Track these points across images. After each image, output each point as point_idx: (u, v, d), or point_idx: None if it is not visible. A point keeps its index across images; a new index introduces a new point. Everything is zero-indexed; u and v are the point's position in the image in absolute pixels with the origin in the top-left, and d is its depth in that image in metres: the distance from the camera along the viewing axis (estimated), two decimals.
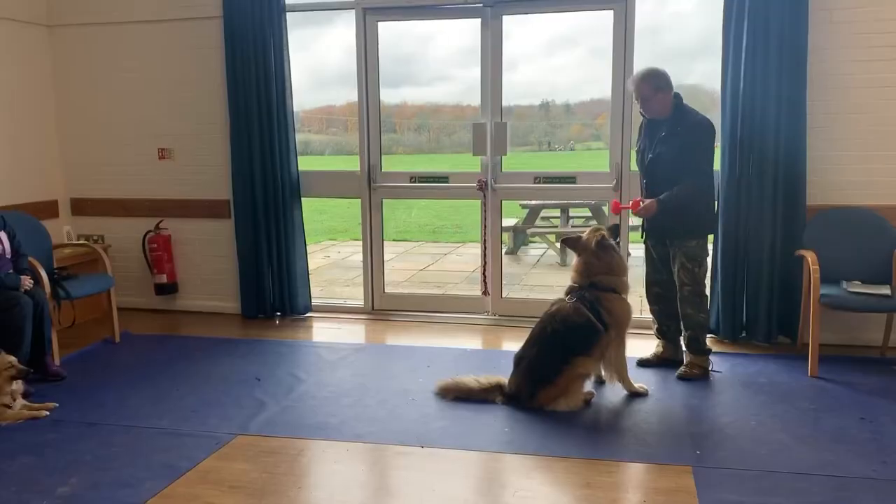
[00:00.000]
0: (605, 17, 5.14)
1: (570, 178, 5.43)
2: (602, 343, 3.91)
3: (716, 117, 4.94)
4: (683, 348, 4.42)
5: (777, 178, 4.73)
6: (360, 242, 5.92)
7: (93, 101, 5.95)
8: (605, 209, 8.55)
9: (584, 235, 4.12)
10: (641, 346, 4.86)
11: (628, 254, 5.45)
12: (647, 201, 4.19)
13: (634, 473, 3.20)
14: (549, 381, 3.82)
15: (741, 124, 4.75)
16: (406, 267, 8.99)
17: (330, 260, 9.68)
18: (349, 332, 5.45)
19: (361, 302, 5.94)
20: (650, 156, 4.29)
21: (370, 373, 4.51)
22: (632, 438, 3.51)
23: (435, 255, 10.01)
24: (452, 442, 3.48)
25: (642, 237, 4.54)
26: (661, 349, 4.57)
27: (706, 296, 4.34)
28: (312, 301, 5.87)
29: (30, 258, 4.57)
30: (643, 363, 4.54)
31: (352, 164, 5.93)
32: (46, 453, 3.42)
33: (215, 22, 5.53)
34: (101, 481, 3.13)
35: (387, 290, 5.97)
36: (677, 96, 4.21)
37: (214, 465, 3.28)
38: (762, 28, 4.63)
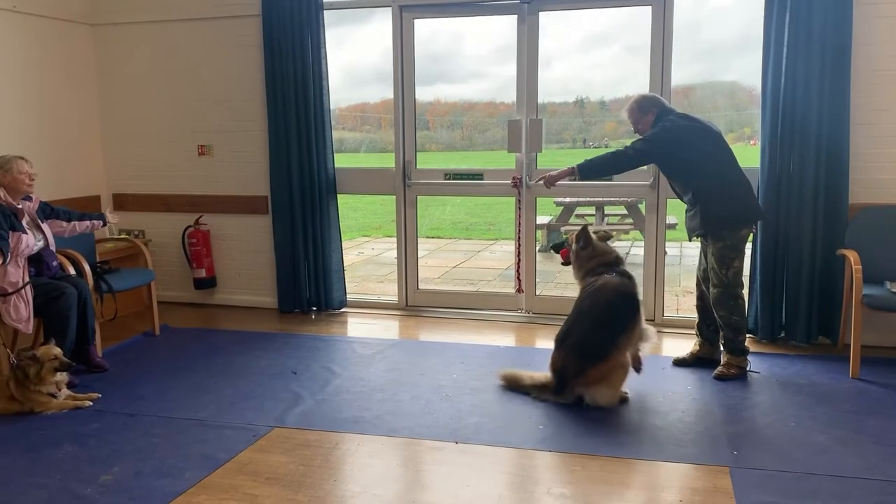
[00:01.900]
0: (643, 14, 5.09)
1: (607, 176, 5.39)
2: (639, 319, 3.94)
3: (755, 114, 4.88)
4: (720, 347, 4.37)
5: (819, 176, 4.65)
6: (394, 239, 5.95)
7: (134, 98, 6.07)
8: (642, 207, 8.48)
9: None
10: (676, 345, 4.83)
11: (665, 252, 5.41)
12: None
13: (670, 473, 3.17)
14: (600, 358, 3.76)
15: (782, 121, 4.68)
16: (439, 264, 9.02)
17: (364, 256, 9.74)
18: (383, 328, 5.49)
19: (395, 298, 5.98)
20: None
21: (404, 368, 4.54)
22: (668, 438, 3.48)
23: (468, 252, 10.01)
24: (486, 438, 3.49)
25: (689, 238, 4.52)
26: (697, 347, 4.52)
27: (740, 297, 4.26)
28: (347, 296, 5.93)
29: (74, 252, 4.69)
30: (679, 362, 4.50)
31: (386, 161, 5.96)
32: (90, 442, 3.50)
33: (254, 20, 5.61)
34: (142, 470, 3.20)
35: (420, 286, 6.00)
36: (662, 114, 4.24)
37: (252, 457, 3.33)
38: (805, 22, 4.55)
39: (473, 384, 4.22)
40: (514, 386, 4.11)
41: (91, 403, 3.97)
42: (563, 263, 4.42)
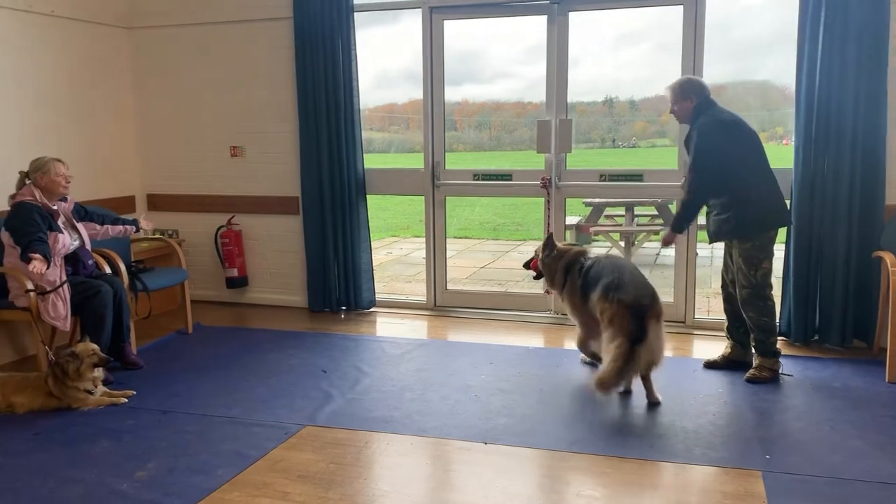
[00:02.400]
0: (675, 13, 5.05)
1: (637, 176, 5.36)
2: None
3: (787, 113, 4.82)
4: (752, 350, 4.33)
5: (854, 177, 4.57)
6: (422, 239, 5.97)
7: (168, 100, 6.16)
8: (672, 207, 8.41)
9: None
10: (707, 347, 4.79)
11: (696, 253, 5.37)
12: (665, 235, 4.43)
13: (702, 477, 3.14)
14: (655, 294, 3.93)
15: (816, 120, 4.61)
16: (467, 264, 9.03)
17: (392, 256, 9.79)
18: (411, 328, 5.51)
19: (424, 298, 6.00)
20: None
21: (432, 368, 4.56)
22: (699, 441, 3.45)
23: (495, 253, 10.01)
24: (515, 439, 3.49)
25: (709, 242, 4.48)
26: (729, 350, 4.48)
27: (770, 297, 4.20)
28: (376, 296, 5.96)
29: (109, 251, 4.77)
30: (710, 365, 4.46)
31: (414, 161, 5.98)
32: (125, 438, 3.57)
33: (286, 23, 5.66)
34: (176, 467, 3.26)
35: (448, 286, 6.01)
36: (703, 104, 4.17)
37: (283, 455, 3.37)
38: (840, 19, 4.48)
39: (502, 385, 4.22)
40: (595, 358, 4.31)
41: (126, 400, 4.05)
42: (535, 278, 4.70)
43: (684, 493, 3.01)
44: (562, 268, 4.36)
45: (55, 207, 4.37)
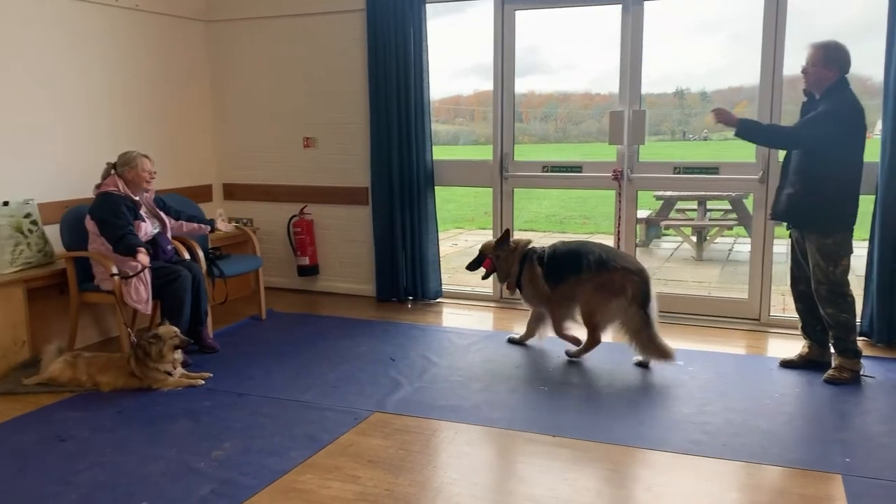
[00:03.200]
0: (754, 1, 4.90)
1: (713, 169, 5.22)
2: None
3: (871, 105, 4.61)
4: (831, 350, 4.18)
5: None
6: (486, 231, 5.97)
7: (244, 92, 6.32)
8: (747, 202, 8.18)
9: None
10: (784, 346, 4.65)
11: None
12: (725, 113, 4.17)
13: (778, 478, 3.06)
14: None
15: None
16: None
17: (457, 248, 9.81)
18: (478, 319, 5.53)
19: (490, 290, 6.00)
20: None
21: (500, 360, 4.56)
22: (774, 441, 3.36)
23: None
24: (584, 433, 3.46)
25: (770, 218, 4.31)
26: (806, 349, 4.34)
27: (849, 294, 4.04)
28: (442, 287, 6.00)
29: (188, 238, 4.94)
30: (787, 364, 4.33)
31: (479, 153, 5.98)
32: (202, 419, 3.70)
33: (359, 15, 5.74)
34: (251, 448, 3.36)
35: None
36: (842, 81, 3.94)
37: (353, 440, 3.43)
38: None
39: (571, 379, 4.20)
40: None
41: (203, 382, 4.19)
42: (484, 276, 4.86)
43: (759, 493, 2.94)
44: (517, 259, 4.58)
45: (137, 198, 4.55)
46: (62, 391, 4.06)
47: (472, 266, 4.84)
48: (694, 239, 8.62)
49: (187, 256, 4.79)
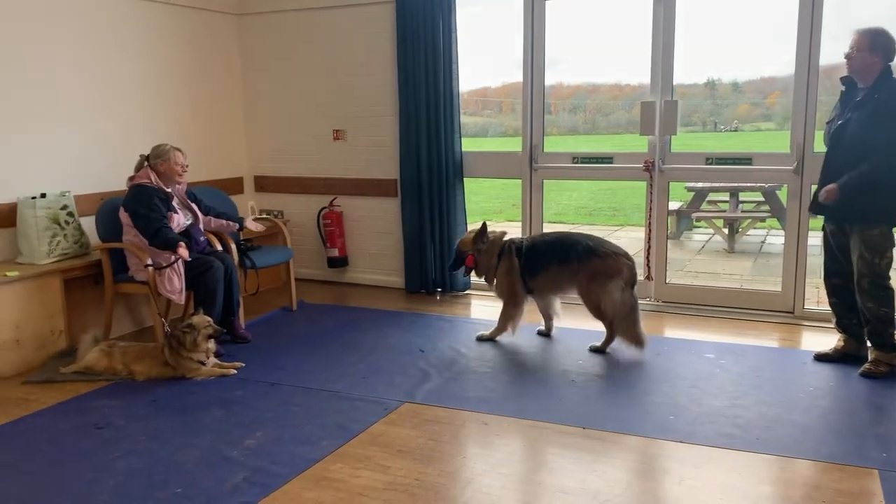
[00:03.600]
0: None
1: (746, 160, 5.14)
2: None
3: None
4: (867, 343, 4.10)
5: None
6: (514, 223, 5.94)
7: (275, 85, 6.37)
8: (780, 193, 8.05)
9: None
10: (818, 339, 4.58)
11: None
12: (829, 186, 3.91)
13: (812, 472, 3.02)
14: None
15: None
16: None
17: None
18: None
19: None
20: (839, 122, 3.97)
21: (528, 352, 4.56)
22: (808, 435, 3.31)
23: None
24: (614, 426, 3.45)
25: (811, 211, 4.21)
26: (841, 343, 4.26)
27: (890, 288, 3.96)
28: (471, 279, 6.00)
29: (220, 230, 4.99)
30: (821, 357, 4.26)
31: (507, 145, 5.96)
32: (235, 408, 3.75)
33: (388, 6, 5.74)
34: (282, 436, 3.39)
35: None
36: (888, 70, 3.84)
37: (383, 430, 3.45)
38: None
39: (600, 371, 4.18)
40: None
41: (235, 372, 4.24)
42: (465, 274, 4.96)
43: (792, 487, 2.91)
44: (496, 253, 4.64)
45: (170, 190, 4.60)
46: (98, 380, 4.14)
47: (455, 266, 4.87)
48: (726, 231, 8.51)
49: (219, 248, 4.85)
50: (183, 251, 4.33)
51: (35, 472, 3.12)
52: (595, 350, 4.49)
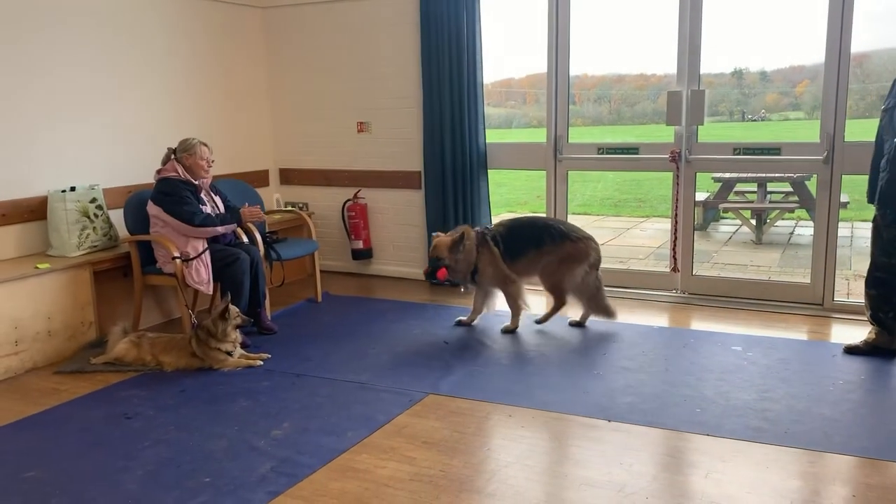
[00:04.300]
0: None
1: (774, 150, 5.07)
2: None
3: None
4: None
5: None
6: (538, 215, 5.91)
7: (299, 77, 6.39)
8: (809, 184, 7.93)
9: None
10: (848, 332, 4.51)
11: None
12: None
13: (842, 466, 2.98)
14: None
15: None
16: None
17: None
18: (533, 303, 5.48)
19: None
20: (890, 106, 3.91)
21: (553, 344, 4.54)
22: (839, 429, 3.27)
23: (616, 230, 9.79)
24: (639, 418, 3.43)
25: (874, 202, 4.12)
26: (873, 336, 4.19)
27: None
28: None
29: (248, 224, 5.02)
30: (851, 350, 4.19)
31: (531, 136, 5.92)
32: (261, 399, 3.78)
33: None
34: (308, 427, 3.42)
35: None
36: None
37: (408, 421, 3.47)
38: None
39: (626, 363, 4.16)
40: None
41: (262, 363, 4.28)
42: (440, 282, 5.00)
43: (822, 481, 2.87)
44: (474, 248, 4.68)
45: (197, 182, 4.64)
46: (127, 370, 4.20)
47: (430, 276, 4.85)
48: (753, 222, 8.40)
49: (246, 240, 4.89)
50: (246, 211, 4.69)
51: (67, 460, 3.17)
52: (541, 322, 4.85)
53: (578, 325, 4.84)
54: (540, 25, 5.55)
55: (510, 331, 4.77)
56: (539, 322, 4.86)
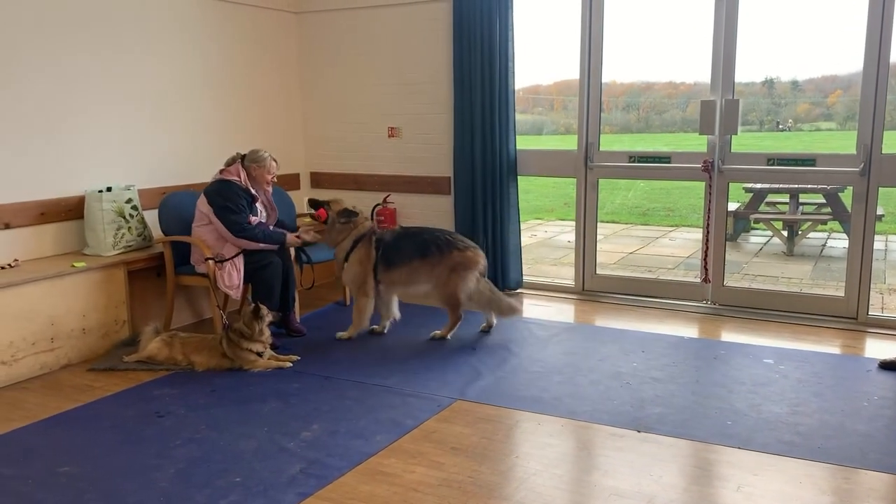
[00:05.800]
0: None
1: (809, 160, 5.00)
2: None
3: None
4: None
5: None
6: (566, 222, 5.91)
7: (332, 82, 6.44)
8: (843, 196, 7.82)
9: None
10: (883, 347, 4.44)
11: None
12: None
13: (877, 483, 2.93)
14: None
15: None
16: (615, 249, 8.83)
17: (537, 238, 9.74)
18: (559, 311, 5.49)
19: (571, 281, 5.95)
20: None
21: (581, 352, 4.52)
22: (873, 445, 3.22)
23: (645, 239, 9.72)
24: (669, 430, 3.40)
25: None
26: None
27: None
28: (524, 277, 5.98)
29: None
30: (887, 365, 4.13)
31: (561, 143, 5.91)
32: (291, 400, 3.81)
33: (445, 4, 5.75)
34: (338, 430, 3.44)
35: (597, 271, 5.92)
36: None
37: (436, 427, 3.47)
38: None
39: (655, 374, 4.12)
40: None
41: (291, 365, 4.32)
42: (312, 217, 4.87)
43: (856, 499, 2.83)
44: (353, 237, 4.74)
45: (255, 192, 4.69)
46: (159, 369, 4.26)
47: (312, 205, 4.88)
48: (785, 233, 8.30)
49: None
50: (292, 238, 4.72)
51: (101, 456, 3.22)
52: (438, 338, 4.76)
53: (485, 331, 4.92)
54: (572, 32, 5.55)
55: (344, 339, 4.78)
56: (435, 338, 4.77)
